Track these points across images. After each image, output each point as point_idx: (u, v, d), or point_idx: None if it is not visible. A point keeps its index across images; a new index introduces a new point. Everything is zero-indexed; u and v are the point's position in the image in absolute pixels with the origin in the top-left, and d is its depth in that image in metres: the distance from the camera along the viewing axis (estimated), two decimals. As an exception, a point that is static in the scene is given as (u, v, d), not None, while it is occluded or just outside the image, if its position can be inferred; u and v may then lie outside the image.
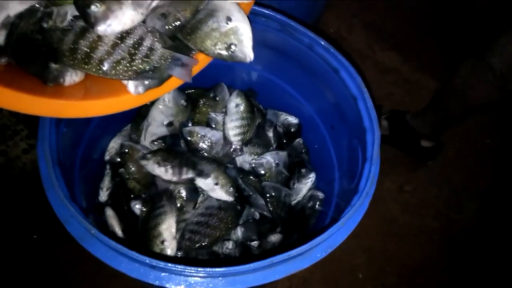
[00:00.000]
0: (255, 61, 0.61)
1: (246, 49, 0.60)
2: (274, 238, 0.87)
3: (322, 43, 0.76)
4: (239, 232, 0.85)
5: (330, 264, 1.22)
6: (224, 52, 0.60)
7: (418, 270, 1.26)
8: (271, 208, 0.85)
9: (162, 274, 0.56)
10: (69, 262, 1.12)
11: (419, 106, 1.32)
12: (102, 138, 0.93)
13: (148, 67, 0.57)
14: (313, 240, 0.57)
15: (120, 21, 0.53)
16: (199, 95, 1.01)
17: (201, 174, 0.86)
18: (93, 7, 0.51)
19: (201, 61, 0.65)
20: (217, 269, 0.54)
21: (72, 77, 0.58)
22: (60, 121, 0.68)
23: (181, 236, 0.81)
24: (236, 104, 0.90)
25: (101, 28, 0.52)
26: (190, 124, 0.97)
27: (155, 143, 0.96)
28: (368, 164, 0.65)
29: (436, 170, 1.42)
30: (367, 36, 1.67)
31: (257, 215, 0.90)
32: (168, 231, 0.78)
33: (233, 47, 0.59)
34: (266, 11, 0.78)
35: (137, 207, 0.91)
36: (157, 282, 0.56)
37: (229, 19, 0.60)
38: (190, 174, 0.86)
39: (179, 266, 0.53)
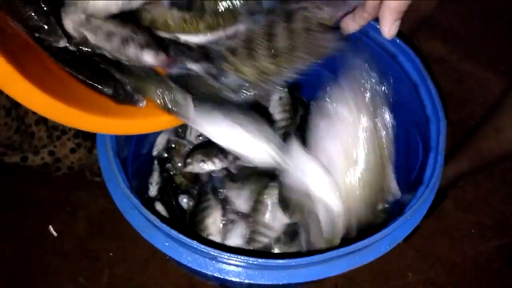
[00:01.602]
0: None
1: None
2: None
3: (377, 26, 0.72)
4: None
5: (378, 263, 1.17)
6: None
7: (471, 269, 1.19)
8: None
9: (223, 265, 0.55)
10: (117, 259, 1.15)
11: (469, 97, 1.26)
12: (150, 133, 0.94)
13: None
14: (378, 233, 0.55)
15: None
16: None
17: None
18: None
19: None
20: (279, 261, 0.52)
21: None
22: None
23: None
24: (279, 97, 0.88)
25: None
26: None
27: (200, 138, 0.96)
28: (433, 154, 0.61)
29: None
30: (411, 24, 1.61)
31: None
32: (214, 225, 0.77)
33: None
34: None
35: (184, 201, 0.92)
36: (217, 273, 0.55)
37: None
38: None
39: (240, 257, 0.52)
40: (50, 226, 1.19)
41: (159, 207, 0.89)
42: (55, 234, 1.18)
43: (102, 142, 0.61)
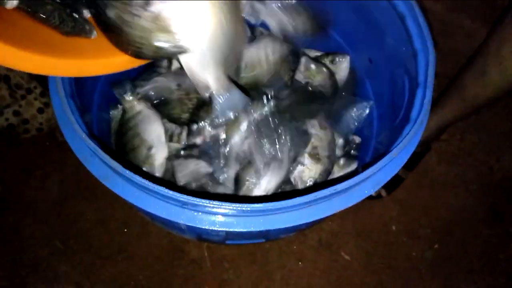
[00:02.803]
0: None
1: None
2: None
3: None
4: None
5: (361, 217, 1.17)
6: None
7: (455, 222, 1.19)
8: None
9: (195, 213, 0.51)
10: (95, 222, 1.10)
11: (454, 47, 1.21)
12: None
13: None
14: (362, 173, 0.51)
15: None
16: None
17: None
18: None
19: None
20: (256, 205, 0.48)
21: None
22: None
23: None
24: None
25: None
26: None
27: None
28: (421, 90, 0.57)
29: (473, 116, 1.32)
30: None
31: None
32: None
33: None
34: None
35: None
36: (189, 222, 0.51)
37: None
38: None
39: (214, 203, 0.48)
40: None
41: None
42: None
43: (53, 82, 0.54)
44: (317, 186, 0.68)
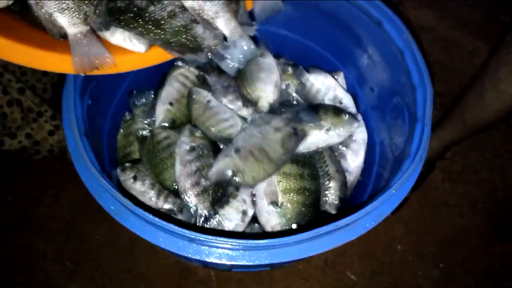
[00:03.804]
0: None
1: None
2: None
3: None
4: None
5: (366, 237, 1.15)
6: None
7: (460, 240, 1.20)
8: None
9: (202, 247, 0.53)
10: (104, 242, 1.13)
11: (457, 66, 1.22)
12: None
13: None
14: (363, 208, 0.53)
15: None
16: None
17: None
18: None
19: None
20: (261, 242, 0.50)
21: None
22: (84, 92, 0.65)
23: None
24: None
25: None
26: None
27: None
28: (420, 125, 0.58)
29: (478, 134, 1.33)
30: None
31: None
32: None
33: None
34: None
35: None
36: (196, 256, 0.53)
37: None
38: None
39: (220, 239, 0.50)
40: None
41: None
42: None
43: (67, 120, 0.57)
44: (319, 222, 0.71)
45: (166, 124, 0.81)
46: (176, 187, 0.73)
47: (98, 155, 0.58)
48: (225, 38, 0.61)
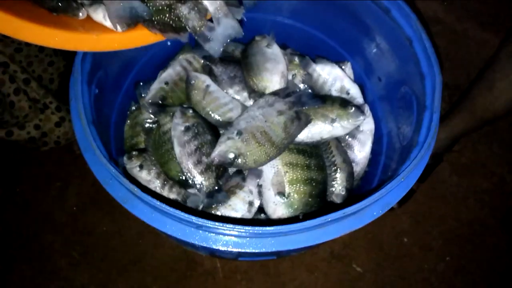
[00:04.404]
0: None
1: None
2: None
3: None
4: None
5: (373, 229, 1.17)
6: None
7: (467, 233, 1.19)
8: None
9: (209, 234, 0.53)
10: (110, 233, 1.13)
11: (466, 57, 1.21)
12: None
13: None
14: (370, 196, 0.52)
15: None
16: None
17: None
18: None
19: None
20: (268, 228, 0.50)
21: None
22: (91, 81, 0.65)
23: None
24: None
25: None
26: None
27: None
28: (429, 113, 0.58)
29: (486, 127, 1.32)
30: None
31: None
32: None
33: None
34: None
35: None
36: (203, 243, 0.53)
37: None
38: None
39: (226, 226, 0.50)
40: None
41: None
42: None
43: (75, 108, 0.57)
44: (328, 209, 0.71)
45: (156, 101, 0.81)
46: (181, 177, 0.73)
47: (105, 145, 0.58)
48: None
